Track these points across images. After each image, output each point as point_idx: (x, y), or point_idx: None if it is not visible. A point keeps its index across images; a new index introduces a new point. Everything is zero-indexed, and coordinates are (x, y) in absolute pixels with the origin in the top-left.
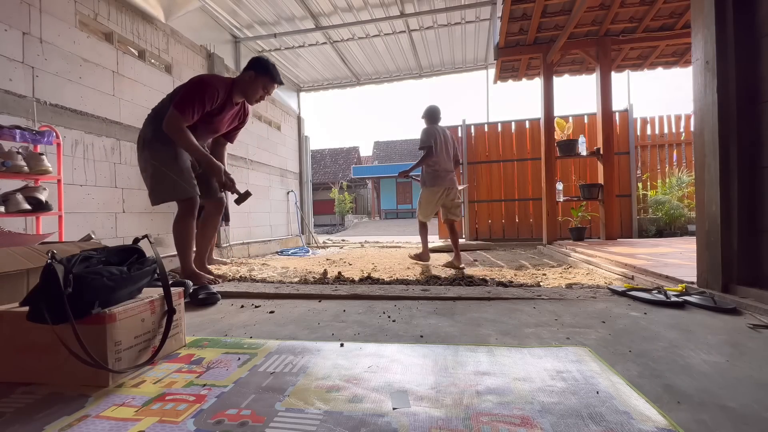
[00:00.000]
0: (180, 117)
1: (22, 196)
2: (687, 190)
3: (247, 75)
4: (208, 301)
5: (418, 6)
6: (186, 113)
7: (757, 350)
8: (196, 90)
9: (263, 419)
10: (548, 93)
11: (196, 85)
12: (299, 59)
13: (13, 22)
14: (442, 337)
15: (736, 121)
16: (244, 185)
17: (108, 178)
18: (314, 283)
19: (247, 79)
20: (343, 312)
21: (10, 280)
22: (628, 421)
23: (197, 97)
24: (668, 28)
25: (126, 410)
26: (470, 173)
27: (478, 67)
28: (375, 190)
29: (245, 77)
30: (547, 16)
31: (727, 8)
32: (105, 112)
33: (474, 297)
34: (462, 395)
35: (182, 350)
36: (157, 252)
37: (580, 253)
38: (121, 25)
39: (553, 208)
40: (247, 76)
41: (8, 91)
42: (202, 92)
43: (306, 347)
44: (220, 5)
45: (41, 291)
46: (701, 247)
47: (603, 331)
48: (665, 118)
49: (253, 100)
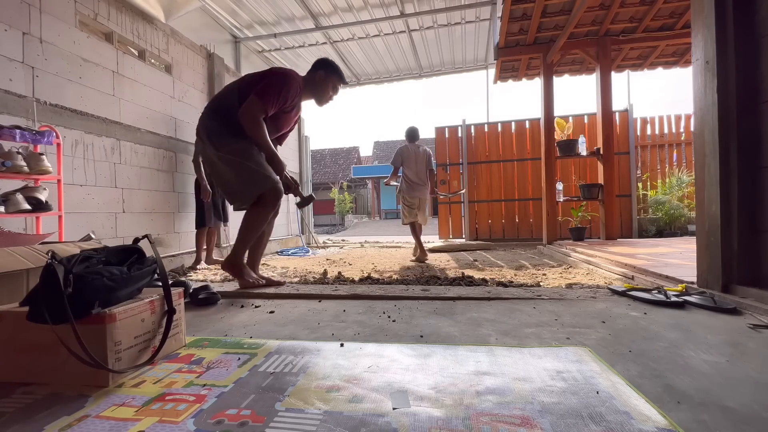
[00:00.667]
0: (261, 108)
1: (22, 196)
2: (687, 190)
3: (316, 75)
4: (208, 301)
5: (418, 6)
6: (268, 104)
7: (757, 350)
8: (281, 82)
9: (263, 419)
10: (548, 93)
11: (280, 77)
12: (299, 59)
13: (13, 22)
14: (442, 337)
15: (736, 121)
16: None
17: (108, 178)
18: (314, 283)
19: (317, 80)
20: (343, 312)
21: (10, 280)
22: (628, 421)
23: (282, 90)
24: (668, 28)
25: (126, 410)
26: (470, 173)
27: (478, 67)
28: (375, 190)
29: (315, 77)
30: (547, 16)
31: (727, 8)
32: (105, 112)
33: (474, 297)
34: (462, 395)
35: (182, 350)
36: (157, 252)
37: (580, 253)
38: (121, 25)
39: (553, 208)
40: (317, 76)
41: (8, 91)
42: (287, 86)
43: (306, 347)
44: (220, 5)
45: (41, 291)
46: (701, 247)
47: (603, 331)
48: (665, 118)
49: (323, 101)
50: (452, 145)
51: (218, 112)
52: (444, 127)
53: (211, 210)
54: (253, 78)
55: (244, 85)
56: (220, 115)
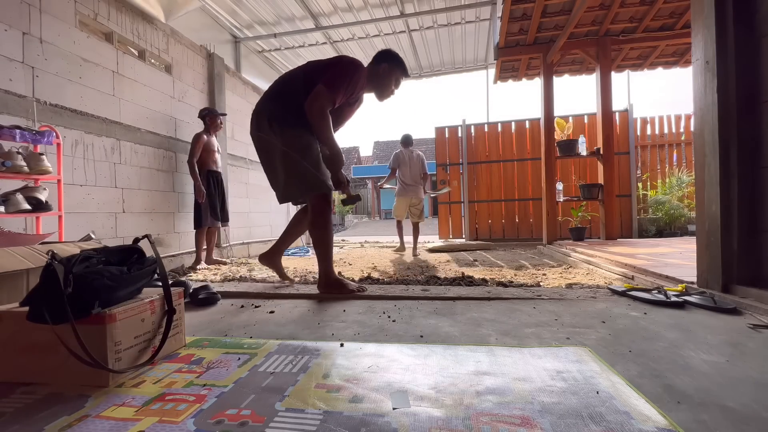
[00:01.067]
0: (330, 98)
1: (22, 196)
2: (687, 190)
3: (380, 67)
4: (208, 301)
5: (418, 6)
6: (337, 95)
7: (757, 350)
8: (351, 72)
9: (263, 419)
10: (548, 93)
11: (350, 67)
12: (299, 59)
13: (13, 22)
14: (442, 337)
15: (736, 121)
16: (244, 185)
17: (108, 178)
18: (314, 283)
19: (381, 72)
20: (343, 312)
21: (10, 280)
22: (628, 421)
23: (351, 81)
24: (668, 28)
25: (126, 410)
26: (470, 173)
27: (478, 67)
28: (375, 190)
29: (379, 70)
30: (547, 16)
31: (727, 8)
32: (105, 112)
33: (474, 297)
34: (462, 395)
35: (182, 350)
36: (157, 252)
37: (580, 253)
38: (121, 25)
39: (553, 208)
40: (380, 68)
41: (8, 91)
42: (356, 76)
43: (306, 347)
44: (220, 5)
45: (41, 291)
46: (701, 247)
47: (603, 331)
48: (665, 118)
49: (384, 96)
50: (452, 145)
51: (282, 96)
52: (444, 127)
53: (208, 210)
54: (320, 65)
55: (310, 71)
56: (283, 100)
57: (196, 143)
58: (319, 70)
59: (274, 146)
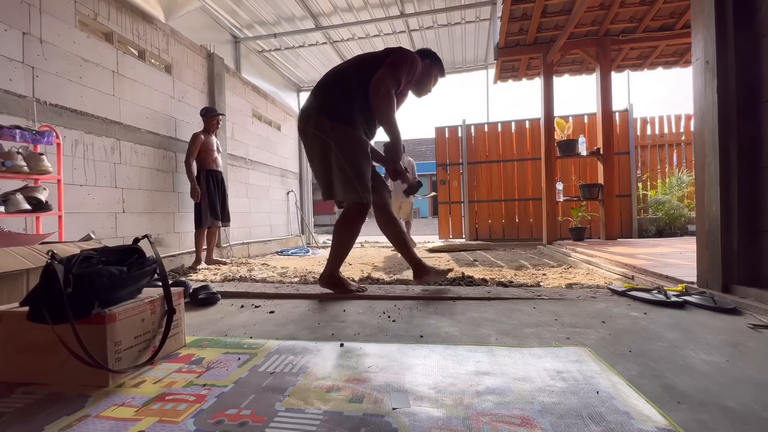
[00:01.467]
0: (395, 79)
1: (22, 196)
2: (687, 190)
3: (423, 63)
4: (208, 301)
5: (418, 6)
6: (402, 77)
7: (757, 350)
8: (412, 58)
9: (263, 419)
10: (548, 93)
11: (408, 53)
12: (299, 59)
13: (13, 22)
14: (442, 337)
15: (736, 121)
16: (244, 185)
17: (108, 178)
18: (314, 283)
19: (423, 69)
20: (343, 312)
21: (10, 280)
22: (628, 421)
23: (413, 66)
24: (668, 28)
25: (126, 410)
26: (470, 173)
27: (478, 67)
28: None
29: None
30: (547, 16)
31: (727, 8)
32: (105, 112)
33: (474, 297)
34: (462, 395)
35: (182, 350)
36: (157, 252)
37: (580, 253)
38: (121, 25)
39: (553, 208)
40: (424, 64)
41: (8, 91)
42: (416, 63)
43: (306, 347)
44: (220, 5)
45: (41, 291)
46: (701, 247)
47: (603, 331)
48: (665, 118)
49: (423, 92)
50: (452, 145)
51: (336, 86)
52: (444, 127)
53: (208, 210)
54: (375, 54)
55: (363, 61)
56: (335, 90)
57: (194, 143)
58: (377, 58)
59: (323, 143)
